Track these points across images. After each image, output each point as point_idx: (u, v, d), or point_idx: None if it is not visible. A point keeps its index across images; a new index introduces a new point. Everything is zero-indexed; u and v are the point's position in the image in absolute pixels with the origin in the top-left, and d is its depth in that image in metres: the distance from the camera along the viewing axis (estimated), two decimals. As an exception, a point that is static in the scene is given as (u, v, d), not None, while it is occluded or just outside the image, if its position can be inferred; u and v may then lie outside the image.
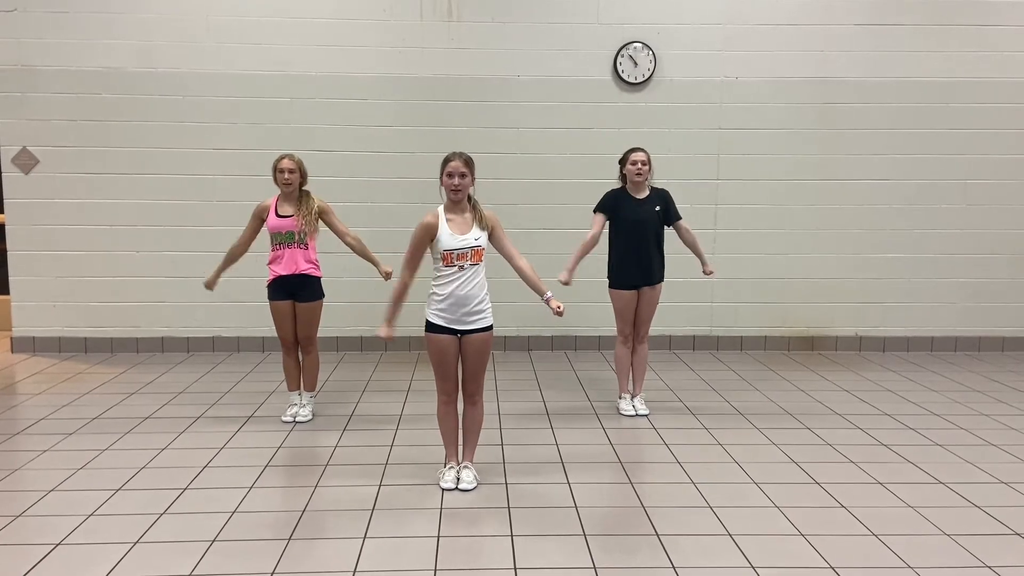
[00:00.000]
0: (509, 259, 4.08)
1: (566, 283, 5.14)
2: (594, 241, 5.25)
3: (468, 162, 3.94)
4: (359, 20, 6.90)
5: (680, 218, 5.32)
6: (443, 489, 4.05)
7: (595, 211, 5.30)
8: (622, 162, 5.22)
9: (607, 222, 5.27)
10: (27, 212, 6.91)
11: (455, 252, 3.88)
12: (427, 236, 3.92)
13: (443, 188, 3.96)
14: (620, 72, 7.02)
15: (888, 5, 7.06)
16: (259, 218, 5.08)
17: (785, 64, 7.08)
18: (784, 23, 7.04)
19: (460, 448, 4.18)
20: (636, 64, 7.02)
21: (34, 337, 7.06)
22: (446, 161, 3.94)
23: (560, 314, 4.01)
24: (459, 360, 4.03)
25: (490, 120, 7.03)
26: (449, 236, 3.89)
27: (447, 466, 4.16)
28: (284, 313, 5.07)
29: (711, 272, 5.48)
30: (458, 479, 4.08)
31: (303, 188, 5.08)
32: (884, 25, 7.07)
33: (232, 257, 5.24)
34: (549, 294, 4.06)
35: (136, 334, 7.10)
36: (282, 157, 5.03)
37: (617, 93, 7.08)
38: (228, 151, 6.95)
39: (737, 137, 7.15)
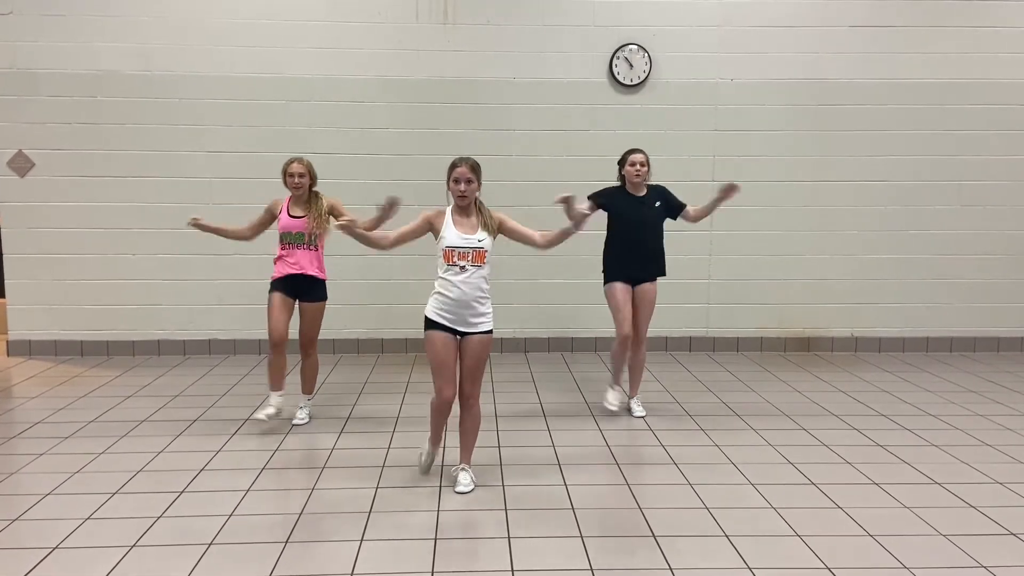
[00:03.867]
0: (530, 241, 4.07)
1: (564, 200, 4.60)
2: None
3: (475, 168, 3.97)
4: (354, 23, 6.90)
5: (685, 205, 5.29)
6: (420, 462, 4.20)
7: (588, 197, 5.18)
8: (621, 163, 5.24)
9: (598, 210, 5.07)
10: (23, 215, 6.89)
11: (456, 251, 3.90)
12: (424, 224, 4.01)
13: (449, 193, 3.98)
14: (616, 74, 7.04)
15: (881, 7, 7.09)
16: (271, 212, 5.09)
17: (780, 66, 7.10)
18: (779, 25, 7.06)
19: (443, 447, 4.27)
20: (632, 66, 7.03)
21: (30, 340, 7.04)
22: (453, 167, 3.96)
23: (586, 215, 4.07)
24: (457, 361, 4.04)
25: (485, 122, 7.03)
26: (453, 234, 3.92)
27: (429, 447, 4.22)
28: (282, 302, 5.00)
29: (734, 187, 5.08)
30: (456, 481, 4.10)
31: (312, 190, 5.09)
32: (878, 27, 7.09)
33: (231, 233, 5.20)
34: (582, 211, 4.08)
35: (132, 337, 7.09)
36: (292, 161, 5.03)
37: (613, 95, 7.09)
38: (223, 154, 6.95)
39: (732, 139, 7.16)
